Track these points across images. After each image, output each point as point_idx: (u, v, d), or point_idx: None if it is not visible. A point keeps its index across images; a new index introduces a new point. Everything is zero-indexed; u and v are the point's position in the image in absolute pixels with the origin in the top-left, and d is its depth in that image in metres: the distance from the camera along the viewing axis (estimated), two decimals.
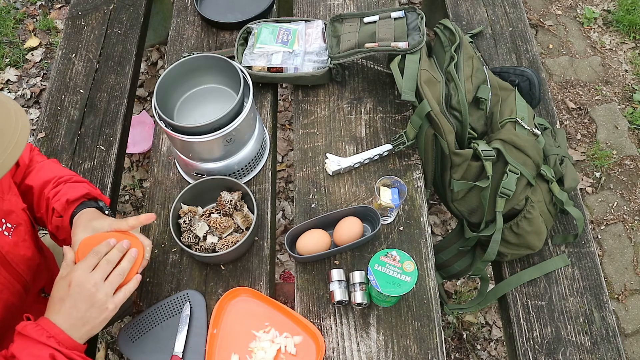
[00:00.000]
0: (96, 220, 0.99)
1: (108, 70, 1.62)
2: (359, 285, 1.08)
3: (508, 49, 1.57)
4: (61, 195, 1.04)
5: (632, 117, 2.35)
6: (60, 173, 1.10)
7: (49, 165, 1.12)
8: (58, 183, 1.07)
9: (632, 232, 2.08)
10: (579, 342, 1.16)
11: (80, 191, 1.05)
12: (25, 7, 2.76)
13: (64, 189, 1.05)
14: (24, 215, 1.01)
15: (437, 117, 1.17)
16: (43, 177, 1.08)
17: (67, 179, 1.08)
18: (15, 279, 0.96)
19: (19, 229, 0.98)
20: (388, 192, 1.17)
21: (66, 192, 1.04)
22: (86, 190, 1.06)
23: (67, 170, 1.13)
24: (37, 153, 1.16)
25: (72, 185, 1.07)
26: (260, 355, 1.04)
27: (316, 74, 1.35)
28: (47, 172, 1.09)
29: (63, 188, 1.06)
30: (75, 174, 1.12)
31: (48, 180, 1.07)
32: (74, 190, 1.05)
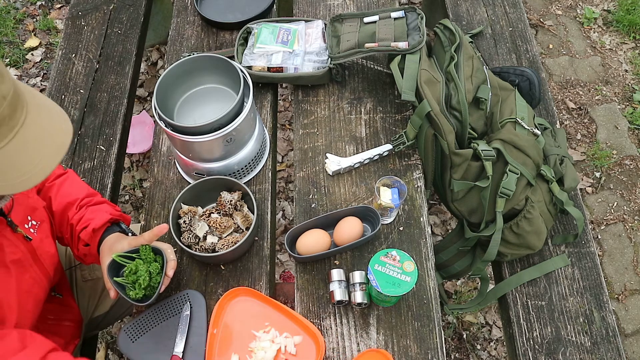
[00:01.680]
0: (117, 244, 1.03)
1: (108, 70, 1.62)
2: (359, 285, 1.08)
3: (508, 49, 1.57)
4: (85, 222, 1.06)
5: (632, 117, 2.35)
6: (79, 193, 1.10)
7: (68, 183, 1.12)
8: (80, 206, 1.08)
9: (632, 232, 2.08)
10: (579, 342, 1.16)
11: (103, 217, 1.07)
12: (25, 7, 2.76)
13: (87, 215, 1.07)
14: (45, 213, 1.04)
15: (437, 117, 1.17)
16: (64, 198, 1.09)
17: (87, 201, 1.10)
18: (43, 274, 0.98)
19: (43, 225, 1.00)
20: (388, 192, 1.17)
21: (90, 218, 1.06)
22: (109, 216, 1.08)
23: (83, 184, 1.15)
24: None
25: (94, 210, 1.08)
26: (260, 355, 1.04)
27: (316, 74, 1.35)
28: (67, 192, 1.10)
29: (86, 214, 1.07)
30: (94, 193, 1.14)
31: (70, 202, 1.08)
32: (98, 216, 1.07)
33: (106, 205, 1.12)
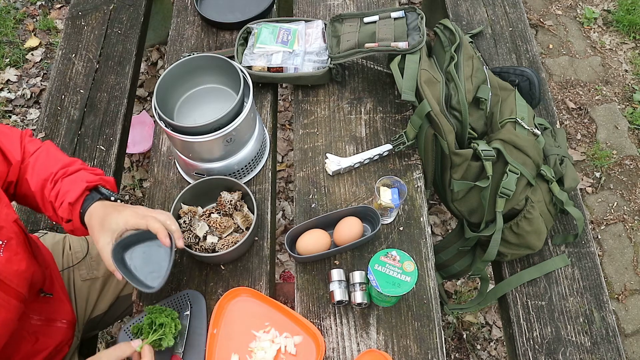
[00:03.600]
0: (109, 218, 0.95)
1: (108, 70, 1.62)
2: (359, 285, 1.08)
3: (508, 49, 1.57)
4: (61, 197, 0.99)
5: (632, 117, 2.35)
6: (54, 167, 1.02)
7: (42, 158, 1.05)
8: (54, 181, 1.01)
9: (632, 232, 2.08)
10: (579, 342, 1.16)
11: (78, 187, 0.98)
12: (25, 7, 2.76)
13: (62, 188, 0.99)
14: (15, 228, 0.96)
15: (437, 117, 1.17)
16: (39, 175, 1.02)
17: (62, 173, 1.01)
18: (10, 295, 0.92)
19: (10, 243, 0.93)
20: (388, 192, 1.17)
21: (65, 191, 0.98)
22: (84, 184, 0.99)
23: (59, 155, 1.07)
24: (30, 141, 1.09)
25: (69, 181, 1.00)
26: (260, 355, 1.04)
27: (316, 74, 1.35)
28: (42, 169, 1.03)
29: (61, 187, 1.00)
30: (71, 162, 1.05)
31: (45, 179, 1.01)
32: (72, 187, 0.99)
33: (83, 172, 1.02)
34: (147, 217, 0.94)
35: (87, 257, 1.28)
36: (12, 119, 2.40)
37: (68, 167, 1.03)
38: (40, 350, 1.05)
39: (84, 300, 1.27)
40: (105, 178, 1.05)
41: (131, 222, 0.94)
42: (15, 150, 1.04)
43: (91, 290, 1.28)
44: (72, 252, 1.27)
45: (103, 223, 0.95)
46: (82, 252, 1.28)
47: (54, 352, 1.09)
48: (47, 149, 1.07)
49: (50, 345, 1.08)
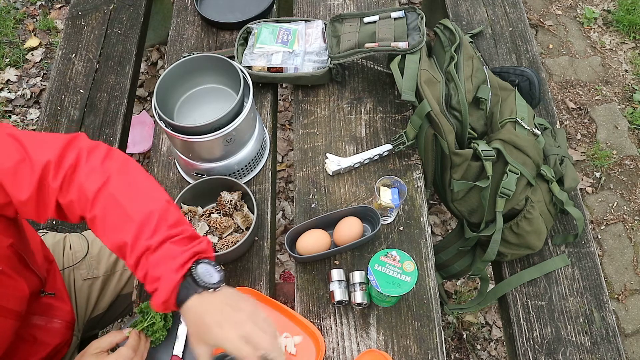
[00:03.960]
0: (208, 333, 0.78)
1: (108, 70, 1.62)
2: (359, 285, 1.08)
3: (508, 49, 1.57)
4: (152, 282, 0.80)
5: (632, 117, 2.35)
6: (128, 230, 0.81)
7: (112, 210, 0.83)
8: (137, 257, 0.81)
9: (632, 232, 2.08)
10: (579, 342, 1.16)
11: (167, 282, 0.78)
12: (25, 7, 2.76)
13: (150, 271, 0.80)
14: (8, 253, 0.90)
15: (437, 117, 1.17)
16: (113, 237, 0.83)
17: (145, 247, 0.80)
18: (7, 317, 0.90)
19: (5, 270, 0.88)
20: (388, 192, 1.17)
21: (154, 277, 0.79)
22: (174, 279, 0.79)
23: (134, 206, 0.83)
24: (85, 162, 0.86)
25: (156, 262, 0.80)
26: None
27: (316, 74, 1.35)
28: (114, 227, 0.83)
29: (149, 268, 0.80)
30: (144, 217, 0.82)
31: (121, 246, 0.82)
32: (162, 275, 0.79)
33: (169, 246, 0.81)
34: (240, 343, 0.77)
35: (88, 256, 1.28)
36: (12, 119, 2.40)
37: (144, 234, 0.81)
38: (38, 351, 1.05)
39: (84, 299, 1.27)
40: (202, 250, 0.84)
41: (229, 348, 0.78)
42: (26, 187, 0.83)
43: (91, 290, 1.28)
44: (72, 251, 1.27)
45: (200, 334, 0.80)
46: (83, 251, 1.28)
47: (53, 352, 1.09)
48: (115, 190, 0.84)
49: (49, 345, 1.08)
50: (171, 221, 0.84)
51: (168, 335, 1.05)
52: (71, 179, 0.85)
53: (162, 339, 1.02)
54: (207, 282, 0.81)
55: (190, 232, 0.85)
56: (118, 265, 1.31)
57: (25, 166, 0.83)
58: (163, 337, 1.02)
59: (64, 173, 0.84)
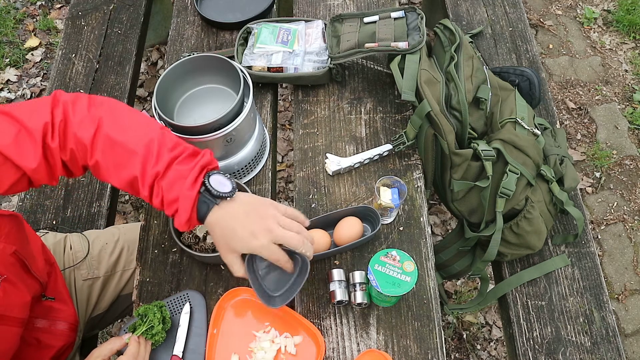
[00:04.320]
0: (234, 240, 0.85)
1: (108, 70, 1.62)
2: (359, 285, 1.08)
3: (508, 49, 1.57)
4: (170, 204, 0.84)
5: (632, 117, 2.35)
6: (134, 163, 0.84)
7: (110, 153, 0.86)
8: (149, 186, 0.85)
9: (632, 232, 2.08)
10: (579, 342, 1.16)
11: (186, 199, 0.82)
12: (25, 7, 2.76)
13: (165, 195, 0.84)
14: (11, 260, 0.92)
15: (437, 117, 1.17)
16: (121, 176, 0.86)
17: (154, 174, 0.84)
18: (12, 325, 0.91)
19: (8, 278, 0.90)
20: (388, 192, 1.17)
21: (171, 199, 0.83)
22: (192, 196, 0.82)
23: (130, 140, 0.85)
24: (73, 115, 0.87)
25: (169, 185, 0.83)
26: (260, 355, 1.04)
27: (316, 74, 1.35)
28: (117, 166, 0.86)
29: (163, 193, 0.84)
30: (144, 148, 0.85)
31: (130, 181, 0.86)
32: (179, 195, 0.83)
33: (176, 167, 0.84)
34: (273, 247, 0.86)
35: (88, 256, 1.28)
36: None
37: (155, 163, 0.84)
38: (43, 354, 1.05)
39: (84, 300, 1.27)
40: (204, 162, 0.87)
41: (265, 254, 0.86)
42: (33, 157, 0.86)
43: (92, 290, 1.28)
44: (72, 251, 1.28)
45: (230, 244, 0.86)
46: (83, 252, 1.28)
47: (57, 354, 1.09)
48: (108, 130, 0.86)
49: (54, 348, 1.08)
50: (170, 144, 0.87)
51: (168, 335, 1.05)
52: (65, 134, 0.87)
53: (162, 340, 1.02)
54: (222, 192, 0.84)
55: (192, 149, 0.88)
56: (118, 266, 1.31)
57: (25, 136, 0.84)
58: (162, 338, 1.02)
59: (57, 130, 0.86)
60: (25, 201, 1.42)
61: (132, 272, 1.31)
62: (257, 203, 0.89)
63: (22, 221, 1.03)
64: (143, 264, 1.17)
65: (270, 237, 0.85)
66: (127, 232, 1.35)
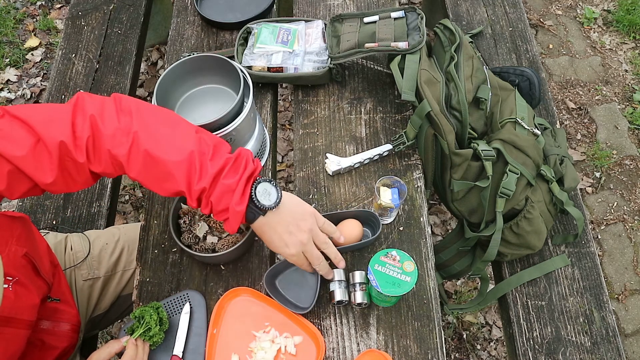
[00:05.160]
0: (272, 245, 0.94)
1: (108, 70, 1.62)
2: (359, 285, 1.08)
3: (508, 49, 1.57)
4: (220, 216, 0.87)
5: (632, 117, 2.35)
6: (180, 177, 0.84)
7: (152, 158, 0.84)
8: (198, 199, 0.86)
9: (632, 232, 2.08)
10: (579, 342, 1.16)
11: (234, 218, 0.85)
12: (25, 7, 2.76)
13: (214, 205, 0.85)
14: (23, 262, 0.92)
15: (437, 117, 1.17)
16: (165, 184, 0.86)
17: (201, 189, 0.84)
18: (20, 328, 0.91)
19: (20, 280, 0.90)
20: (388, 192, 1.17)
21: (219, 209, 0.85)
22: (240, 211, 0.85)
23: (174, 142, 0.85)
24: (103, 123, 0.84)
25: (219, 196, 0.85)
26: (260, 355, 1.04)
27: (316, 74, 1.35)
28: (161, 176, 0.85)
29: (213, 203, 0.85)
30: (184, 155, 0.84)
31: (177, 192, 0.87)
32: (230, 206, 0.85)
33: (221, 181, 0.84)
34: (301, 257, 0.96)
35: (88, 257, 1.28)
36: None
37: (198, 181, 0.84)
38: (47, 355, 1.05)
39: (85, 299, 1.27)
40: (249, 172, 0.87)
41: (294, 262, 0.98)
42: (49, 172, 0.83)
43: (92, 290, 1.28)
44: (73, 252, 1.28)
45: (272, 248, 0.96)
46: (84, 252, 1.28)
47: (61, 355, 1.09)
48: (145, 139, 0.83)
49: (58, 349, 1.08)
50: (210, 152, 0.87)
51: (167, 335, 1.05)
52: (95, 149, 0.85)
53: (160, 341, 1.02)
54: (267, 205, 0.89)
55: (235, 156, 0.88)
56: (119, 266, 1.31)
57: (41, 150, 0.81)
58: (161, 339, 1.02)
59: (84, 146, 0.83)
60: (25, 201, 1.42)
61: (132, 272, 1.31)
62: (299, 215, 0.95)
63: (30, 223, 1.03)
64: (143, 264, 1.17)
65: (301, 249, 0.95)
66: (127, 232, 1.35)
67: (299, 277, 1.12)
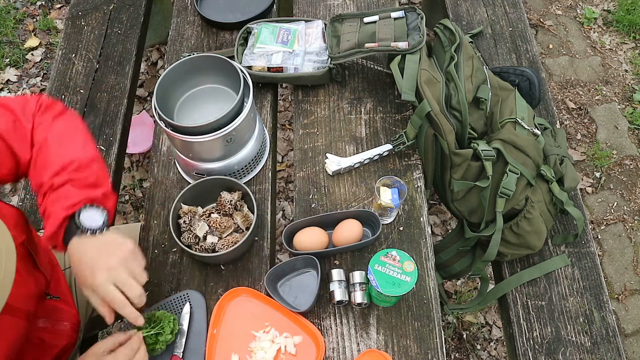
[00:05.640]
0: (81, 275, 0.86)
1: (108, 70, 1.62)
2: (359, 285, 1.08)
3: (508, 49, 1.57)
4: (46, 218, 0.89)
5: (632, 117, 2.35)
6: (46, 171, 0.91)
7: (42, 154, 0.93)
8: (43, 194, 0.90)
9: (632, 232, 2.08)
10: (579, 342, 1.16)
11: (55, 217, 0.86)
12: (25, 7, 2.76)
13: (48, 207, 0.89)
14: (21, 251, 0.93)
15: (437, 117, 1.17)
16: (35, 178, 0.93)
17: (48, 186, 0.89)
18: (19, 317, 0.91)
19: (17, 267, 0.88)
20: (388, 192, 1.17)
21: (47, 214, 0.88)
22: (62, 215, 0.87)
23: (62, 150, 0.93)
24: (40, 123, 0.96)
25: (50, 201, 0.88)
26: (260, 355, 1.04)
27: (316, 74, 1.35)
28: (39, 169, 0.92)
29: (47, 205, 0.89)
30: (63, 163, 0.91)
31: (38, 184, 0.92)
32: (51, 213, 0.87)
33: (68, 187, 0.88)
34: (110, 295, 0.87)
35: None
36: None
37: (59, 174, 0.90)
38: (46, 353, 1.05)
39: (84, 299, 1.26)
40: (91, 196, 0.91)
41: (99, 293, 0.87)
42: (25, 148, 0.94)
43: None
44: None
45: (80, 277, 0.88)
46: None
47: (60, 353, 1.09)
48: (53, 138, 0.94)
49: (57, 347, 1.08)
50: (84, 170, 0.92)
51: None
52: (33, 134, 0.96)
53: (161, 350, 1.02)
54: (86, 226, 0.87)
55: (94, 180, 0.92)
56: None
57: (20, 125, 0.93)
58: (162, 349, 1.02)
59: None
60: (25, 201, 1.42)
61: None
62: (116, 244, 0.90)
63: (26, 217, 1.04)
64: None
65: (109, 276, 0.86)
66: (127, 232, 1.35)
67: (299, 279, 1.13)
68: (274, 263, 1.19)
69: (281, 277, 1.14)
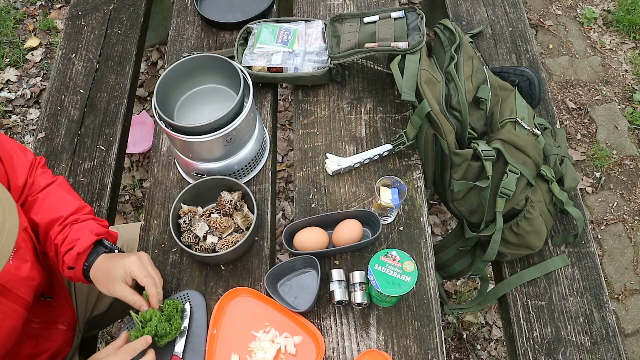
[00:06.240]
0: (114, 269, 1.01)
1: (108, 70, 1.62)
2: (359, 285, 1.08)
3: (508, 49, 1.57)
4: (68, 243, 1.01)
5: (632, 117, 2.35)
6: (64, 210, 1.05)
7: (53, 197, 1.07)
8: (63, 225, 1.03)
9: (632, 232, 2.08)
10: (579, 342, 1.16)
11: (87, 238, 1.02)
12: (25, 7, 2.76)
13: (70, 235, 1.02)
14: (24, 235, 0.98)
15: (437, 117, 1.17)
16: (49, 214, 1.04)
17: (72, 220, 1.04)
18: (17, 303, 0.93)
19: (20, 251, 0.95)
20: (388, 192, 1.17)
21: (74, 238, 1.01)
22: (93, 237, 1.03)
23: (70, 197, 1.09)
24: (42, 172, 1.10)
25: (77, 229, 1.03)
26: (260, 355, 1.04)
27: (316, 74, 1.35)
28: (51, 209, 1.05)
29: (69, 233, 1.02)
30: (81, 207, 1.08)
31: (54, 219, 1.03)
32: (81, 237, 1.02)
33: (91, 222, 1.06)
34: (148, 278, 1.01)
35: None
36: (12, 119, 2.40)
37: (78, 213, 1.06)
38: (40, 353, 1.05)
39: (84, 299, 1.27)
40: (111, 232, 1.10)
41: (135, 272, 1.01)
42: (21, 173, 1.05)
43: (91, 290, 1.28)
44: None
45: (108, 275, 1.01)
46: None
47: (56, 353, 1.09)
48: (59, 186, 1.10)
49: (51, 347, 1.08)
50: (96, 217, 1.10)
51: None
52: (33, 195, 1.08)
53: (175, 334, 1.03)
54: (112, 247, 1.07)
55: (107, 225, 1.10)
56: None
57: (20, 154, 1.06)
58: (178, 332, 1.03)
59: None
60: None
61: None
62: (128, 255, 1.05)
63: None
64: None
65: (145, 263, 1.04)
66: (127, 232, 1.35)
67: (299, 279, 1.13)
68: (274, 263, 1.19)
69: (281, 277, 1.14)
